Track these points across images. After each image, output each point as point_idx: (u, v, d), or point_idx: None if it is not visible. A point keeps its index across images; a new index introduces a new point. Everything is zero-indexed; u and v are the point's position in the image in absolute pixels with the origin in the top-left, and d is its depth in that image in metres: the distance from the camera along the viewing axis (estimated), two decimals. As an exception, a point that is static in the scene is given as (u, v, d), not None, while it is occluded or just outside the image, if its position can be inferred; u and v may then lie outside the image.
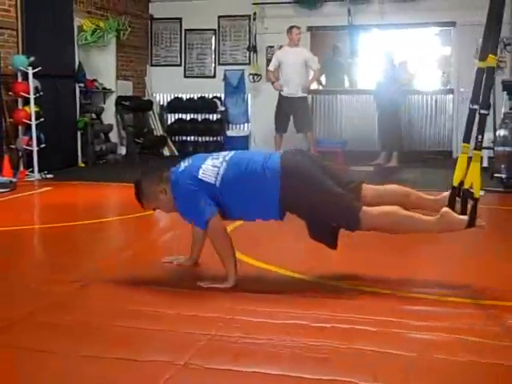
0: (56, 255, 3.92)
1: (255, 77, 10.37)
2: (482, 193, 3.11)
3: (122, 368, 2.15)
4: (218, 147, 10.54)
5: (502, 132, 6.67)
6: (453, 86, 10.17)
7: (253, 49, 10.46)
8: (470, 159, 3.12)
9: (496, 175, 6.51)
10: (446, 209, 3.00)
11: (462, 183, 3.11)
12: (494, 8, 3.15)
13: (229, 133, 10.55)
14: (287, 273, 3.32)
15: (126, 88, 10.19)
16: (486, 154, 7.69)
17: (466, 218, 2.96)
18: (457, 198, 3.11)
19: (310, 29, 10.33)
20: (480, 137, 3.02)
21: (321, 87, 10.67)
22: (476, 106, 3.14)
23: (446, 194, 3.17)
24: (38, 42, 7.81)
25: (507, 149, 6.55)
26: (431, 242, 3.81)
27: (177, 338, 2.42)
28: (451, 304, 2.85)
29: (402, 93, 8.85)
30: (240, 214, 3.17)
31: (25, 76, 7.42)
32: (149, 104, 10.47)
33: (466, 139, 3.22)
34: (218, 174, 3.01)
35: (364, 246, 3.50)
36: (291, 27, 8.72)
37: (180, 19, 10.90)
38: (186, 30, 10.91)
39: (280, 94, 8.71)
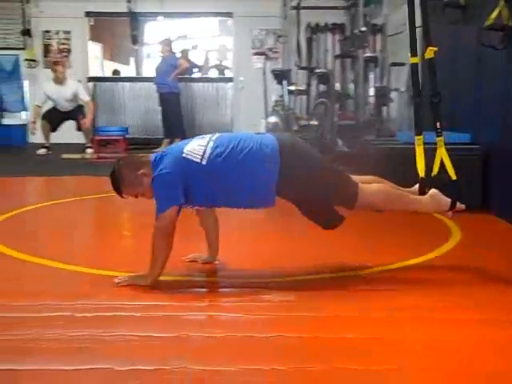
0: None
1: (32, 62, 9.87)
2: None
3: None
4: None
5: (272, 119, 7.08)
6: (232, 74, 10.56)
7: (27, 33, 9.93)
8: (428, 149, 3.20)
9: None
10: (434, 190, 3.10)
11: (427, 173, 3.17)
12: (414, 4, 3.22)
13: (4, 121, 9.97)
14: (53, 265, 3.21)
15: None
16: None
17: (449, 200, 3.07)
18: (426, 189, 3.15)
19: (88, 14, 10.08)
20: (438, 124, 3.13)
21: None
22: (418, 99, 3.24)
23: (417, 185, 3.22)
24: None
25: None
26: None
27: None
28: (220, 285, 2.95)
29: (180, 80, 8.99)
30: (227, 196, 2.93)
31: None
32: None
33: (418, 132, 3.25)
34: (204, 152, 2.85)
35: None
36: (56, 62, 8.69)
37: None
38: None
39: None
